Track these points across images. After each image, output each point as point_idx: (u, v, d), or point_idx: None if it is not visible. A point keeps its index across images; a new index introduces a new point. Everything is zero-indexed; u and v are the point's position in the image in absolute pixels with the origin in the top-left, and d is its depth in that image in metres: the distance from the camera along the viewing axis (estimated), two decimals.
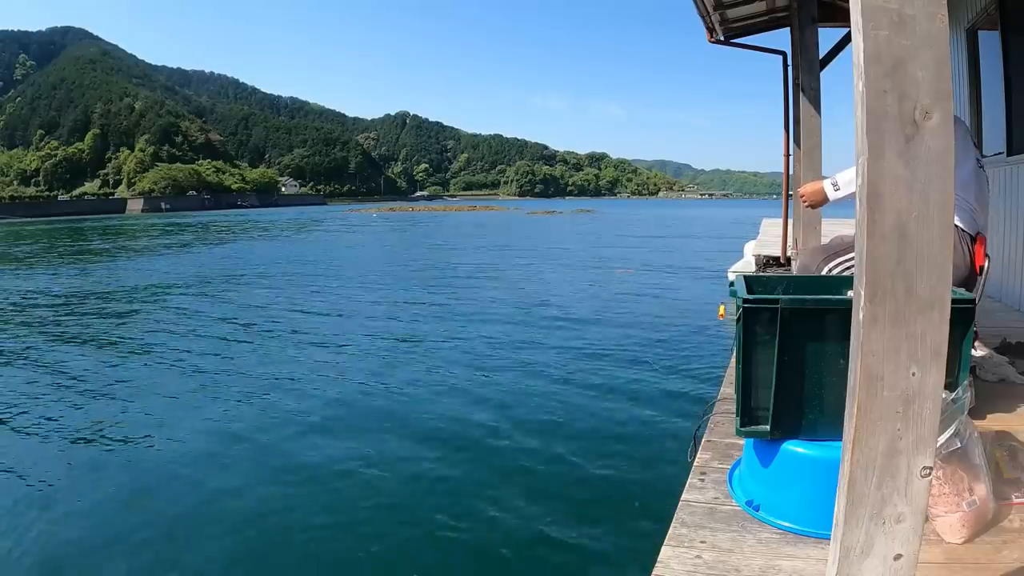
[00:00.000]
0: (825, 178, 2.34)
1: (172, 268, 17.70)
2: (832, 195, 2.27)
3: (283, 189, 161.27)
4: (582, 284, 13.02)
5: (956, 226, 2.19)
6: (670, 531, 1.54)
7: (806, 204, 2.45)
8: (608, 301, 10.77)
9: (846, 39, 5.31)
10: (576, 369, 6.44)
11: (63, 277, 15.82)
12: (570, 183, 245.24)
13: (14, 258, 22.53)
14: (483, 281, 13.72)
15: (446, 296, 11.66)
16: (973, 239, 2.22)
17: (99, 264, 19.46)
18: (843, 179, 2.24)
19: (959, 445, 1.40)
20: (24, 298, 12.36)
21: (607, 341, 7.63)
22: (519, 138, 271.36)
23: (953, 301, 0.99)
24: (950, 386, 1.42)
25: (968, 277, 2.20)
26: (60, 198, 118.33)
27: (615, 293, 11.69)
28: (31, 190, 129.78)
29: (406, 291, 12.47)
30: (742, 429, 1.63)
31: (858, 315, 0.97)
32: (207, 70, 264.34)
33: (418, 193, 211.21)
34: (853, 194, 2.16)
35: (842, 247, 2.39)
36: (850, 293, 1.25)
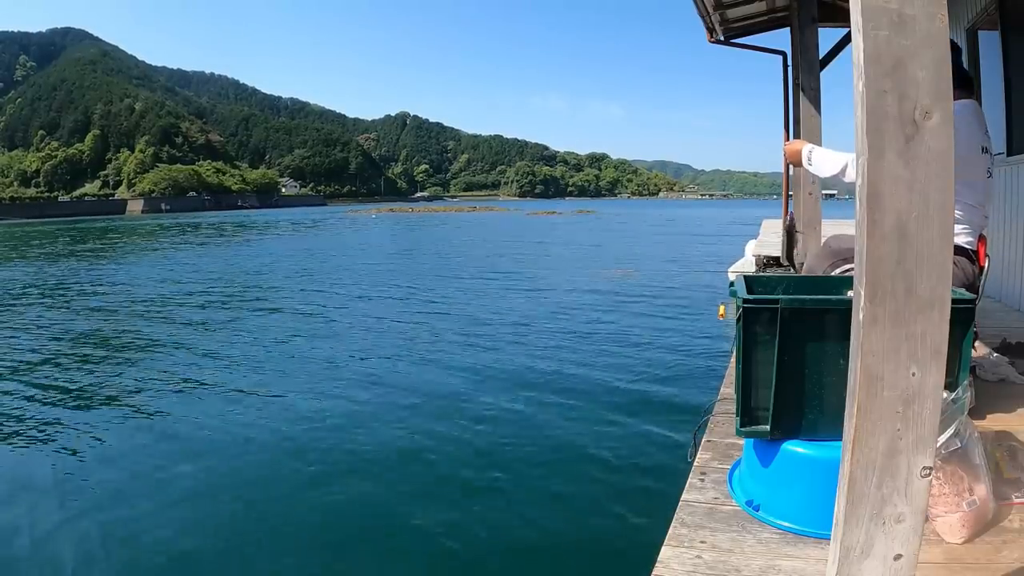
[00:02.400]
0: (808, 145, 2.21)
1: (207, 266, 17.78)
2: (805, 164, 2.18)
3: (283, 190, 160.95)
4: (581, 284, 13.00)
5: (963, 247, 2.17)
6: (670, 531, 1.54)
7: (787, 160, 2.40)
8: (607, 301, 10.76)
9: (846, 39, 5.32)
10: (574, 368, 6.43)
11: (91, 273, 15.87)
12: (570, 184, 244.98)
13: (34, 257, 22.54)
14: (482, 281, 13.71)
15: (446, 295, 11.66)
16: (976, 251, 2.21)
17: (115, 262, 19.49)
18: (818, 157, 2.13)
19: (959, 445, 1.40)
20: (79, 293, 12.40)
21: (606, 341, 7.62)
22: (519, 139, 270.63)
23: (953, 301, 0.99)
24: (950, 386, 1.42)
25: (970, 288, 2.19)
26: (60, 199, 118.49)
27: (614, 293, 11.68)
28: (31, 191, 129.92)
29: (410, 290, 12.50)
30: (742, 429, 1.63)
31: (858, 315, 0.97)
32: (207, 71, 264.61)
33: (418, 194, 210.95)
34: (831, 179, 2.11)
35: (850, 253, 2.36)
36: (850, 293, 1.25)
